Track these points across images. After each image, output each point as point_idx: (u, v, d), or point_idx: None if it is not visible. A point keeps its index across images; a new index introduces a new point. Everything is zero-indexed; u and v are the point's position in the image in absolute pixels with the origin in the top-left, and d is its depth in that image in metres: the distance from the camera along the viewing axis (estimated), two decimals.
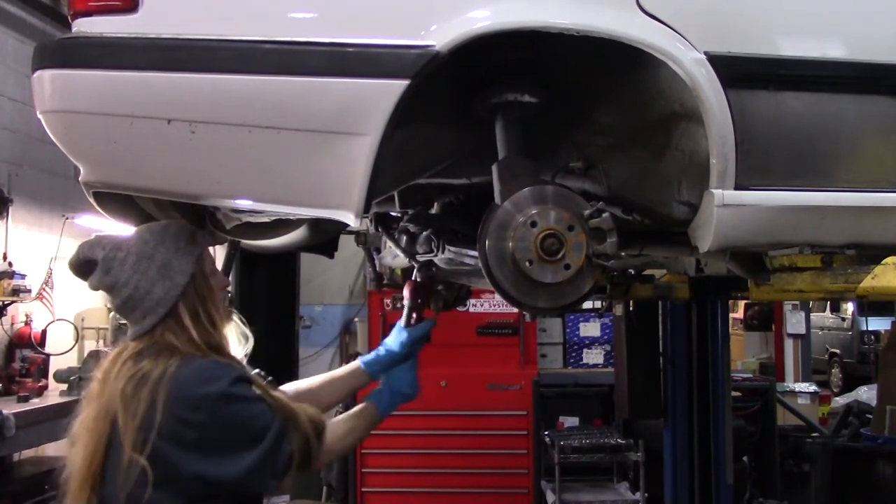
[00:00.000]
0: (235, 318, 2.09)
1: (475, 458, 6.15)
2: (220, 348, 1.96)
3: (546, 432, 5.99)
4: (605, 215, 1.99)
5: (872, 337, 11.62)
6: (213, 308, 1.95)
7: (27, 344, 5.94)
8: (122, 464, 1.79)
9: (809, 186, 2.06)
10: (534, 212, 1.98)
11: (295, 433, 1.91)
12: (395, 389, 2.42)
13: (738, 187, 1.99)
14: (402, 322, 2.53)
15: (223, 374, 1.86)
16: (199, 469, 1.81)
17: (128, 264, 1.89)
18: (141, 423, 1.79)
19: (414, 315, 2.57)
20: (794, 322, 8.54)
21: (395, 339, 2.50)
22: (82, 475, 1.87)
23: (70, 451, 1.94)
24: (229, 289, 2.13)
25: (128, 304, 1.90)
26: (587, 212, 1.99)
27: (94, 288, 1.93)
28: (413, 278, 2.76)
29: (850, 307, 12.97)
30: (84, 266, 1.93)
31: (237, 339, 2.09)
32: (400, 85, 1.84)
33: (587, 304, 5.78)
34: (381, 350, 2.49)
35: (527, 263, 1.97)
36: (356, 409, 2.30)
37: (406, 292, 2.65)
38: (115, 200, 2.16)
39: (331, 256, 3.31)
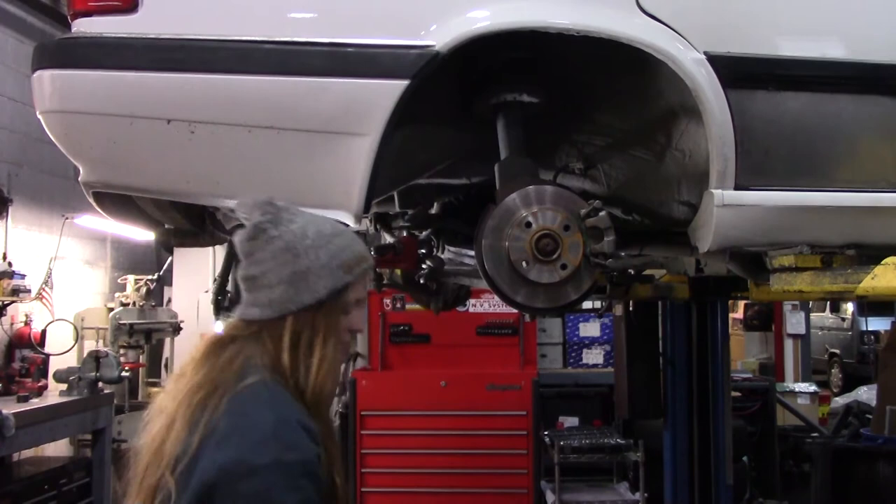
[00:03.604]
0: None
1: (475, 458, 6.14)
2: (314, 395, 1.60)
3: (546, 432, 5.98)
4: (601, 214, 1.98)
5: (872, 337, 11.59)
6: (326, 346, 1.62)
7: (27, 344, 5.94)
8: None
9: (809, 186, 2.06)
10: (529, 212, 1.98)
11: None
12: None
13: (737, 187, 1.99)
14: None
15: (278, 447, 1.45)
16: None
17: (272, 246, 1.59)
18: (184, 445, 1.50)
19: None
20: (794, 322, 8.53)
21: None
22: (149, 455, 1.56)
23: (147, 427, 1.61)
24: None
25: (247, 281, 1.62)
26: (583, 211, 1.99)
27: (236, 242, 1.65)
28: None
29: (850, 307, 12.95)
30: (237, 208, 1.65)
31: None
32: (400, 85, 1.84)
33: (587, 304, 5.78)
34: None
35: (523, 264, 1.97)
36: None
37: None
38: (114, 200, 2.16)
39: None
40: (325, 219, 1.69)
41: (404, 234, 2.99)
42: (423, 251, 2.89)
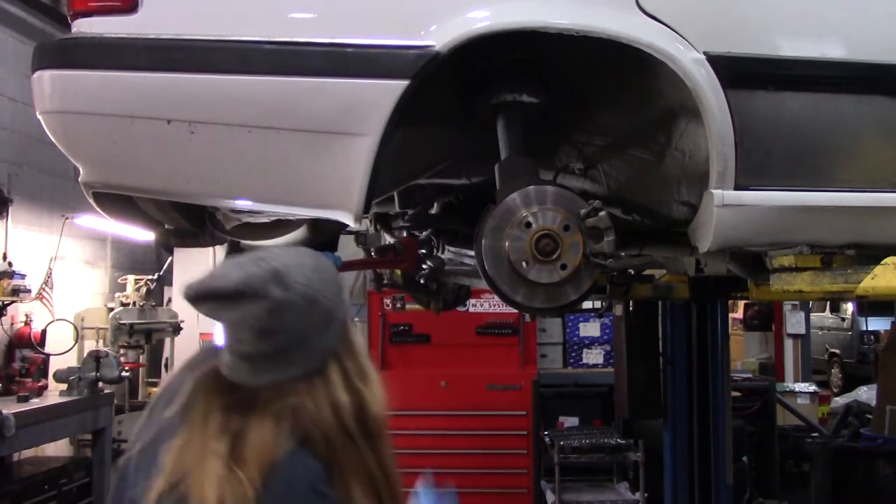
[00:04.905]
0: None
1: (475, 458, 6.15)
2: (376, 422, 1.52)
3: (546, 432, 5.98)
4: (601, 214, 1.98)
5: (872, 337, 11.60)
6: (364, 361, 1.56)
7: (27, 344, 5.94)
8: None
9: (809, 186, 2.06)
10: (529, 212, 1.98)
11: None
12: None
13: (737, 187, 1.99)
14: None
15: None
16: None
17: (297, 308, 1.47)
18: None
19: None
20: (794, 322, 8.53)
21: None
22: None
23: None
24: None
25: (278, 352, 1.48)
26: (583, 211, 1.99)
27: (236, 324, 1.47)
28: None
29: (850, 307, 12.96)
30: (241, 297, 1.45)
31: None
32: (399, 85, 1.84)
33: (587, 304, 5.77)
34: None
35: (523, 264, 1.97)
36: None
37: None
38: (114, 201, 2.16)
39: None
40: (295, 251, 1.61)
41: (404, 234, 2.99)
42: (423, 251, 2.89)
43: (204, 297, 1.47)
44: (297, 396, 1.48)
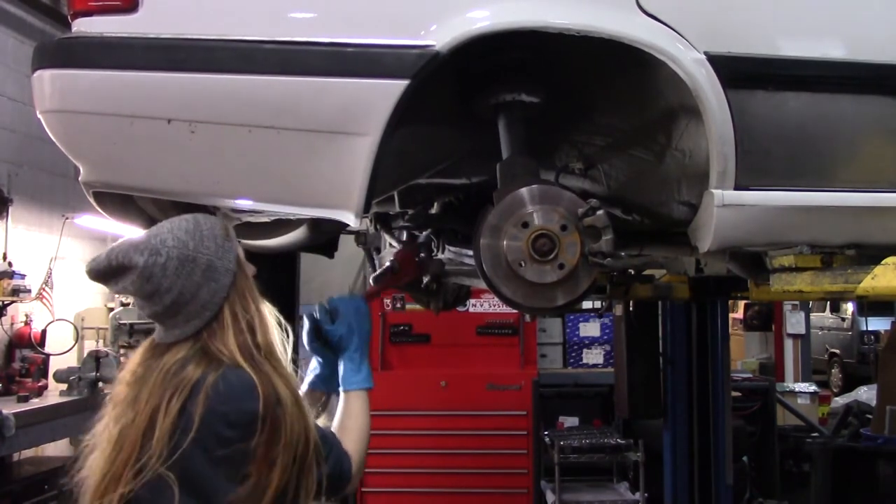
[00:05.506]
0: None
1: (475, 458, 6.15)
2: (267, 346, 1.79)
3: (546, 432, 5.99)
4: (599, 213, 1.98)
5: (872, 337, 11.60)
6: (255, 301, 1.82)
7: (27, 344, 5.93)
8: (148, 477, 1.65)
9: (809, 186, 2.06)
10: (526, 212, 1.98)
11: (324, 462, 1.76)
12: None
13: (737, 187, 2.00)
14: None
15: (256, 392, 1.68)
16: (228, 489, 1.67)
17: (170, 269, 1.73)
18: (174, 436, 1.65)
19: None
20: (794, 322, 8.53)
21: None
22: (98, 484, 1.70)
23: (89, 457, 1.74)
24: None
25: (170, 310, 1.75)
26: (581, 210, 1.99)
27: (129, 294, 1.79)
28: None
29: (850, 307, 12.96)
30: (115, 272, 1.74)
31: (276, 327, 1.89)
32: (400, 85, 1.84)
33: (587, 304, 5.78)
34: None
35: (520, 264, 1.97)
36: (344, 414, 1.97)
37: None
38: (114, 200, 2.16)
39: (331, 256, 3.31)
40: (178, 218, 1.84)
41: (398, 246, 2.99)
42: (422, 254, 2.88)
43: (92, 278, 1.77)
44: (202, 341, 1.75)
